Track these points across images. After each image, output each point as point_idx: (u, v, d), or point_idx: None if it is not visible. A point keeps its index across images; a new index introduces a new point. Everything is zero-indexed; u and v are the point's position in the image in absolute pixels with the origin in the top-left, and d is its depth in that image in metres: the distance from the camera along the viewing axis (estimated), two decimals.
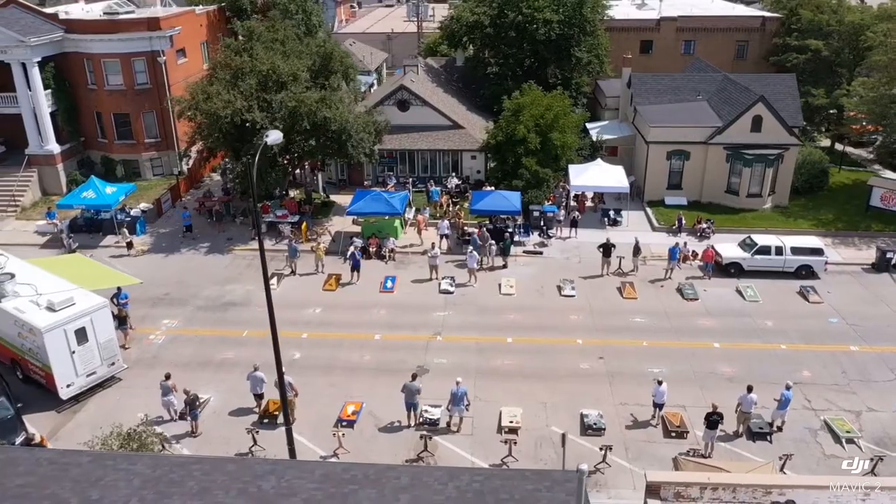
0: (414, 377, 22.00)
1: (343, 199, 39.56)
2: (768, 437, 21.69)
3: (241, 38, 40.69)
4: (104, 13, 43.18)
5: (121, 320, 26.43)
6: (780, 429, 21.97)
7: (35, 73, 39.33)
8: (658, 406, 22.28)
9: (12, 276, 24.41)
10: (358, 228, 35.92)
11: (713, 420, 20.55)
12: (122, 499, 12.71)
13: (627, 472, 20.35)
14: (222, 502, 12.73)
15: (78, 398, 23.61)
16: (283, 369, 22.17)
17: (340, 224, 37.33)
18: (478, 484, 13.39)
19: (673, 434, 21.81)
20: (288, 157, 36.39)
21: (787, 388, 21.87)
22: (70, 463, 13.93)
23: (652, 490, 14.29)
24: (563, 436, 18.89)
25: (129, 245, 34.73)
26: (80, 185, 39.16)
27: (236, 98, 33.10)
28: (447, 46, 52.65)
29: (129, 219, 36.58)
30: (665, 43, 53.49)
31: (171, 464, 14.00)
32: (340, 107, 34.20)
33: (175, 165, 42.31)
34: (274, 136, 17.08)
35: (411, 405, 21.84)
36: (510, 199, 34.26)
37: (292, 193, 39.77)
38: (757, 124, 37.24)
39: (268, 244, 35.43)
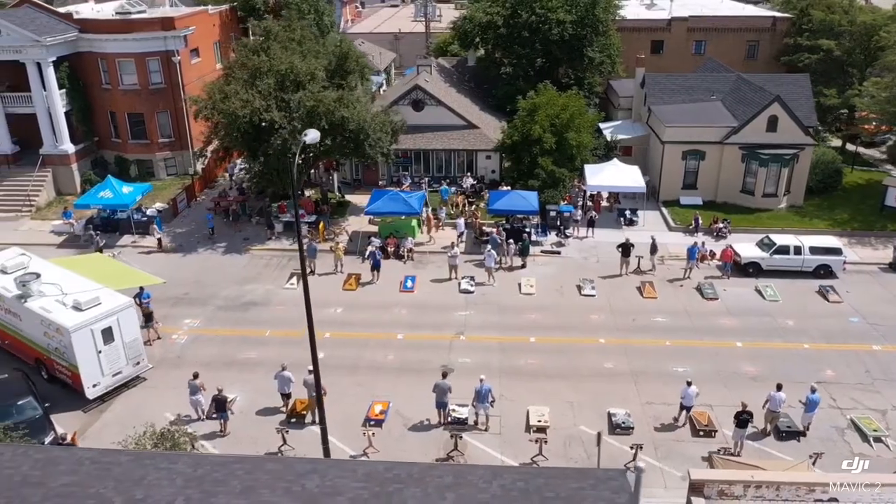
0: (444, 375, 22.01)
1: (358, 199, 39.63)
2: (797, 437, 21.69)
3: (256, 37, 40.68)
4: (116, 13, 43.18)
5: (147, 317, 26.50)
6: (807, 429, 21.95)
7: (50, 73, 39.33)
8: (685, 408, 22.21)
9: (38, 275, 24.38)
10: (374, 228, 35.92)
11: (743, 419, 20.58)
12: (166, 498, 12.69)
13: (658, 470, 20.35)
14: (268, 501, 12.71)
15: (104, 398, 23.60)
16: (312, 368, 22.27)
17: (357, 224, 37.34)
18: (522, 482, 13.40)
19: (701, 433, 21.83)
20: (303, 156, 36.35)
21: (813, 391, 21.82)
22: (111, 462, 13.89)
23: (695, 488, 14.29)
24: (599, 435, 18.92)
25: (159, 242, 34.83)
26: (94, 184, 39.26)
27: (254, 97, 33.11)
28: (459, 46, 52.66)
29: (145, 218, 36.60)
30: (676, 43, 53.54)
31: (213, 463, 13.98)
32: (358, 106, 34.23)
33: (189, 165, 42.31)
34: (312, 136, 17.09)
35: (442, 404, 21.84)
36: (528, 199, 34.28)
37: (308, 193, 39.74)
38: (773, 124, 37.27)
39: (285, 244, 35.50)
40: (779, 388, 21.76)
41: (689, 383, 22.01)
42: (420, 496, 12.88)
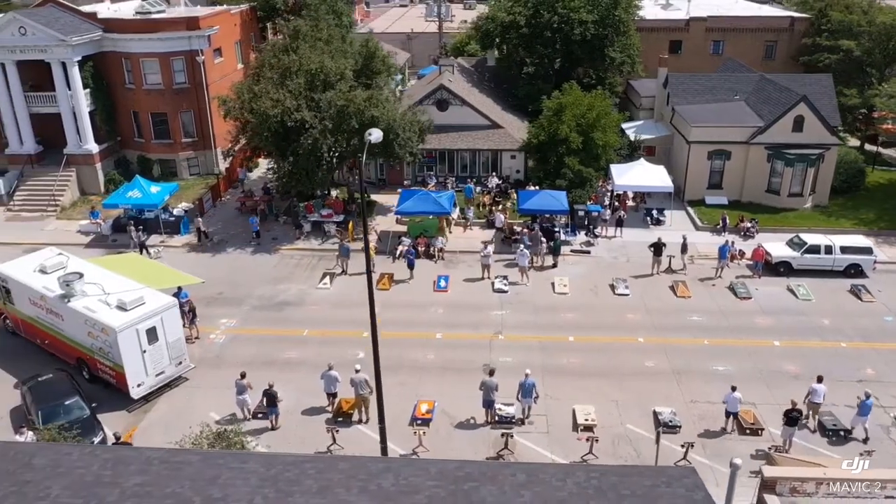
0: (491, 373, 22.01)
1: (383, 199, 39.63)
2: (844, 435, 21.73)
3: (278, 36, 40.69)
4: (137, 12, 43.13)
5: (192, 313, 26.58)
6: (867, 437, 21.74)
7: (75, 73, 39.30)
8: (731, 414, 22.00)
9: (81, 275, 24.35)
10: (402, 228, 35.92)
11: (793, 417, 20.60)
12: (244, 497, 12.70)
13: (708, 468, 20.32)
14: (346, 500, 12.71)
15: (147, 398, 23.60)
16: (358, 367, 22.34)
17: (384, 224, 37.33)
18: (595, 480, 13.42)
19: (747, 431, 21.88)
20: (329, 155, 36.31)
21: (868, 396, 21.55)
22: (182, 462, 13.91)
23: (767, 485, 14.37)
24: (658, 433, 18.97)
25: (205, 235, 35.41)
26: (118, 184, 39.32)
27: (285, 97, 33.11)
28: (479, 46, 52.65)
29: (172, 218, 36.62)
30: (694, 43, 53.60)
31: (284, 462, 14.00)
32: (387, 106, 34.26)
33: (213, 165, 42.29)
34: (376, 135, 17.08)
35: (489, 402, 21.85)
36: (558, 199, 34.34)
37: (334, 193, 39.73)
38: (798, 124, 37.32)
39: (314, 243, 35.50)
40: (819, 380, 21.94)
41: (733, 388, 21.82)
42: (497, 494, 12.91)
